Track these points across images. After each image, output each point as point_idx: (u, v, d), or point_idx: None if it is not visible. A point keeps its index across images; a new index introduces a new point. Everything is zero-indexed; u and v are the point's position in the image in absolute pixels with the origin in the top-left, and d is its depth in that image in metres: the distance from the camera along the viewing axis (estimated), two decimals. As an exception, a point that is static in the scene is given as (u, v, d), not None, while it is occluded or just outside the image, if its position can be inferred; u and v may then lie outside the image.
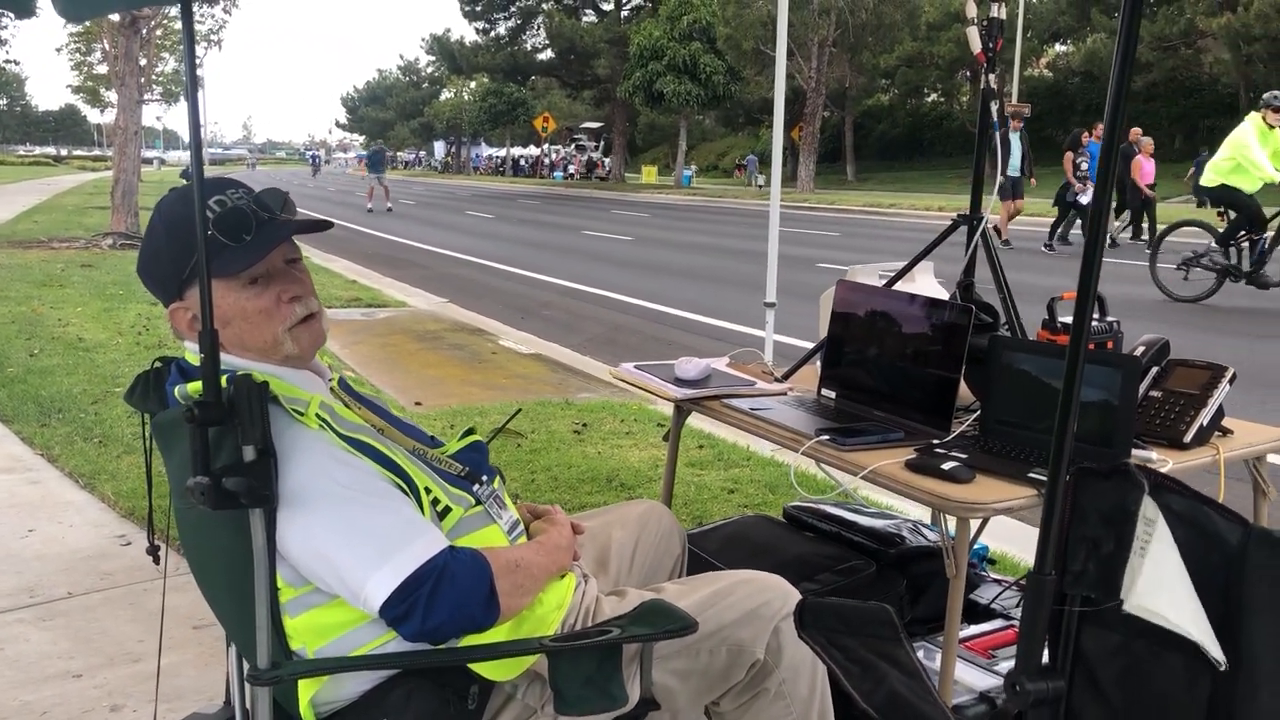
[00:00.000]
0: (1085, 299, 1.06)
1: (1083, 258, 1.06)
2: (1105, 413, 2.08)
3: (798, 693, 1.82)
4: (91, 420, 5.34)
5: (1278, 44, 31.04)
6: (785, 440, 2.32)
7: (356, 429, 1.67)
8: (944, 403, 2.32)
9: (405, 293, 11.29)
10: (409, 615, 1.55)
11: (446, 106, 78.34)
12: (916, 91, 50.43)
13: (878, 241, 18.77)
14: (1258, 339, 8.72)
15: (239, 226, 1.61)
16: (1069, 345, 1.06)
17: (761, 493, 4.39)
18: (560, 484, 4.47)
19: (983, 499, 1.94)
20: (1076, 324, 1.04)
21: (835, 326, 2.62)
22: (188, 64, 1.37)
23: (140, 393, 1.71)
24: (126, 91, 15.78)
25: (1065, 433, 1.00)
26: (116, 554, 3.71)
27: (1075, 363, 1.04)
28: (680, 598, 1.78)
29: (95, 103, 47.51)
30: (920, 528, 2.82)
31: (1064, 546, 1.04)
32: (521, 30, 57.63)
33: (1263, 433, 2.39)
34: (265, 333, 1.66)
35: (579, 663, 1.60)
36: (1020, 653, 1.04)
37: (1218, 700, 1.02)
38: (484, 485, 1.83)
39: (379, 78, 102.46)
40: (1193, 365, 2.34)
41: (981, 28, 2.48)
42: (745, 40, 36.95)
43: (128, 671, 2.89)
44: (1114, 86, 1.04)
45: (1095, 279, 1.05)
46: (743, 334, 8.52)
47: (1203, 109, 40.07)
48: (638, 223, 24.18)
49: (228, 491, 1.45)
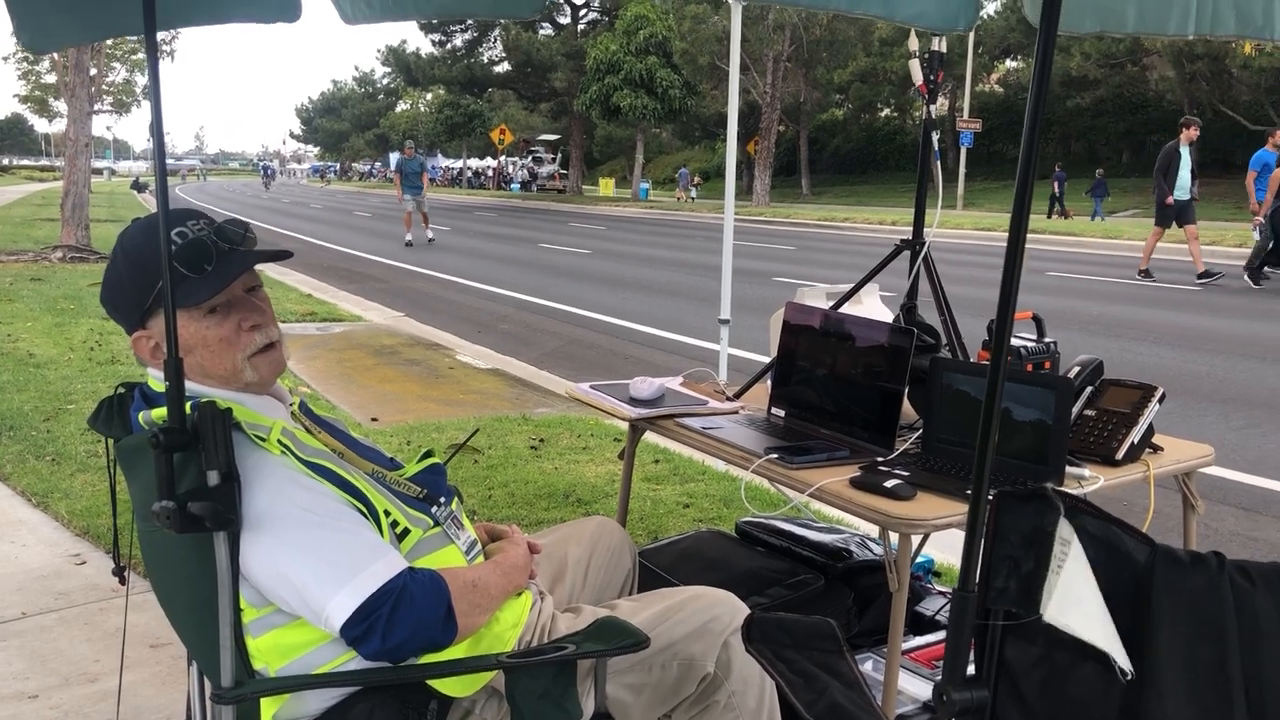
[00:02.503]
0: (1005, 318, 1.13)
1: (1002, 277, 1.12)
2: (1040, 432, 2.17)
3: (746, 705, 1.88)
4: (44, 438, 5.30)
5: (1219, 62, 31.83)
6: (736, 459, 2.40)
7: (317, 454, 1.72)
8: (888, 422, 2.40)
9: (361, 307, 11.26)
10: (369, 635, 1.59)
11: (403, 118, 78.03)
12: (870, 106, 51.08)
13: (833, 255, 18.98)
14: None
15: (200, 257, 1.66)
16: (989, 368, 1.14)
17: (717, 507, 4.46)
18: (517, 500, 4.51)
19: (923, 515, 2.02)
20: (996, 347, 1.11)
21: (784, 347, 2.70)
22: (154, 108, 1.42)
23: (105, 417, 1.75)
24: (77, 103, 15.60)
25: (985, 457, 1.08)
26: (71, 573, 3.70)
27: (995, 386, 1.11)
28: (633, 614, 1.84)
29: (43, 113, 46.85)
30: (868, 542, 2.90)
31: (988, 564, 1.12)
32: (478, 43, 57.62)
33: (1191, 449, 2.50)
34: (226, 360, 1.71)
35: (535, 678, 1.66)
36: (946, 664, 1.11)
37: (1128, 707, 1.09)
38: (442, 507, 1.88)
39: (334, 88, 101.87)
40: (1125, 385, 2.44)
41: (923, 60, 2.58)
42: (701, 55, 37.22)
43: (84, 691, 2.89)
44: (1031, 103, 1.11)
45: (1014, 297, 1.12)
46: (699, 348, 8.61)
47: (1149, 125, 40.92)
48: (595, 235, 24.26)
49: (192, 515, 1.49)
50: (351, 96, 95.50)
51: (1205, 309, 11.51)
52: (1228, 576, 1.08)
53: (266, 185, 68.15)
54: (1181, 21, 2.36)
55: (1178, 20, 2.37)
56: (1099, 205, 31.08)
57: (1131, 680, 1.09)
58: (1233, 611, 1.07)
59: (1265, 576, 1.09)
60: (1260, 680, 1.07)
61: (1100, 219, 29.86)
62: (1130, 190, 37.33)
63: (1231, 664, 1.06)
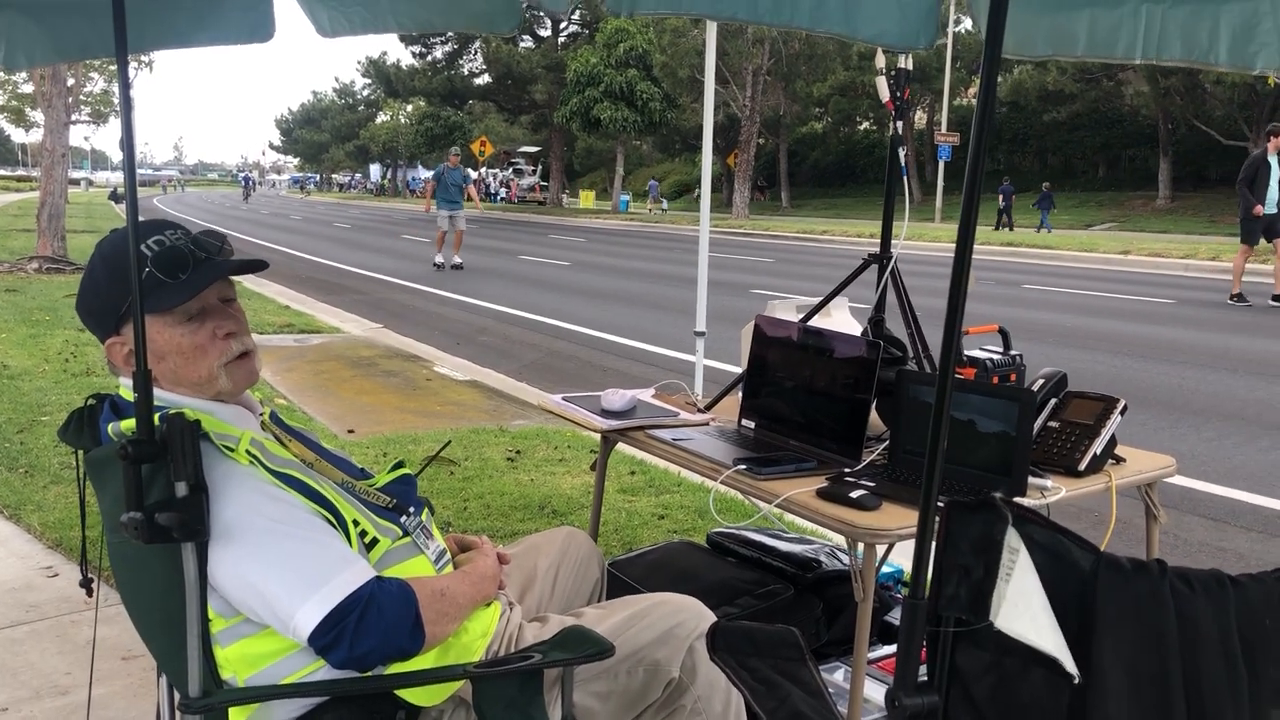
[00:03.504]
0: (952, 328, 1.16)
1: (949, 286, 1.15)
2: (1004, 443, 2.21)
3: (712, 709, 1.90)
4: (17, 450, 5.28)
5: (1193, 77, 32.19)
6: (705, 470, 2.42)
7: (285, 464, 1.73)
8: (855, 433, 2.43)
9: (339, 318, 11.24)
10: (337, 643, 1.61)
11: (383, 129, 77.94)
12: (849, 120, 51.40)
13: (811, 267, 19.08)
14: None
15: (176, 264, 1.68)
16: (937, 376, 1.16)
17: (691, 518, 4.48)
18: (492, 511, 4.52)
19: (888, 525, 2.05)
20: (944, 356, 1.14)
21: (755, 359, 2.73)
22: (124, 119, 1.43)
23: (74, 429, 1.76)
24: (54, 113, 15.52)
25: (934, 469, 1.11)
26: (42, 585, 3.69)
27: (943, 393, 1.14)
28: (599, 621, 1.87)
29: (20, 123, 46.54)
30: (837, 553, 2.93)
31: (939, 572, 1.14)
32: (458, 55, 57.70)
33: (1153, 460, 2.54)
34: (200, 368, 1.72)
35: (502, 687, 1.68)
36: (898, 670, 1.14)
37: (1075, 710, 1.12)
38: (411, 517, 1.89)
39: (314, 100, 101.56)
40: (1088, 397, 2.48)
41: (890, 78, 2.62)
42: (681, 68, 37.40)
43: (54, 704, 2.88)
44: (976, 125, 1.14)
45: (961, 307, 1.14)
46: (677, 359, 8.64)
47: (1124, 139, 41.40)
48: (575, 247, 24.29)
49: (160, 526, 1.50)
50: (331, 108, 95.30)
51: (1176, 321, 11.63)
52: (1169, 583, 1.11)
53: (246, 196, 67.57)
54: (1130, 45, 2.42)
55: (1125, 44, 2.42)
56: (1045, 217, 31.81)
57: (1078, 685, 1.12)
58: (1174, 617, 1.10)
59: (1205, 584, 1.12)
60: (1199, 685, 1.10)
61: (1046, 231, 30.57)
62: (1106, 204, 37.73)
63: (1172, 669, 1.09)
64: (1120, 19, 2.43)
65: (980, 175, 1.14)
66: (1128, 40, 2.41)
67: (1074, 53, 2.60)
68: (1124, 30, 2.42)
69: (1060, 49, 2.63)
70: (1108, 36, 2.48)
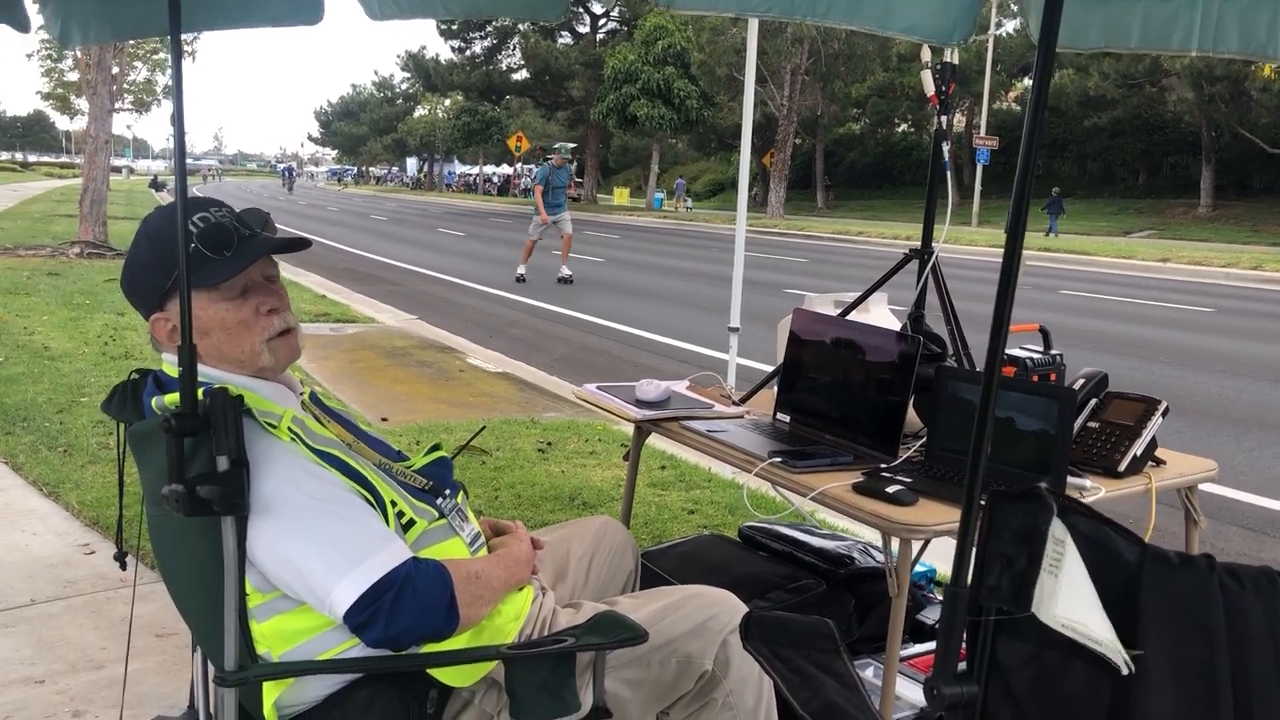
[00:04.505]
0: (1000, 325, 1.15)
1: (997, 286, 1.14)
2: (1043, 441, 2.18)
3: (744, 704, 1.90)
4: (56, 429, 5.35)
5: (1239, 85, 31.74)
6: (739, 461, 2.41)
7: (327, 443, 1.74)
8: (892, 429, 2.41)
9: (374, 309, 11.32)
10: (372, 622, 1.61)
11: (420, 123, 78.26)
12: (887, 121, 51.07)
13: (845, 268, 18.99)
14: None
15: (221, 241, 1.69)
16: (984, 370, 1.15)
17: (721, 514, 4.47)
18: (523, 501, 4.53)
19: (924, 521, 2.03)
20: (991, 350, 1.13)
21: (791, 353, 2.72)
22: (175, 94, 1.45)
23: (118, 402, 1.78)
24: (98, 100, 15.73)
25: (980, 453, 1.10)
26: (80, 562, 3.74)
27: (990, 386, 1.13)
28: (633, 610, 1.86)
29: (65, 110, 47.22)
30: (870, 550, 2.91)
31: (981, 562, 1.13)
32: (497, 50, 57.88)
33: (1194, 464, 2.51)
34: (243, 344, 1.73)
35: (535, 669, 1.68)
36: (937, 660, 1.12)
37: (1117, 704, 1.11)
38: (447, 499, 1.90)
39: (353, 92, 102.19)
40: (1128, 398, 2.45)
41: (935, 72, 2.60)
42: (719, 66, 37.31)
43: (90, 678, 2.92)
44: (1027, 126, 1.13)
45: (1009, 305, 1.14)
46: (708, 357, 8.62)
47: (1166, 146, 40.87)
48: (609, 244, 24.31)
49: (201, 499, 1.51)
50: (370, 101, 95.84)
51: (1216, 330, 11.48)
52: (1217, 578, 1.09)
53: (290, 188, 67.88)
54: (1185, 37, 2.37)
55: (1181, 36, 2.38)
56: (1054, 222, 32.08)
57: (1120, 679, 1.11)
58: (1221, 612, 1.08)
59: (1255, 580, 1.10)
60: (1247, 681, 1.08)
61: (1054, 235, 30.85)
62: (1146, 211, 37.29)
63: (1219, 665, 1.08)
64: (1176, 10, 2.39)
65: (1031, 172, 1.13)
66: (1183, 32, 2.37)
67: (1127, 45, 2.56)
68: (1179, 22, 2.38)
69: (1113, 41, 2.59)
70: (1162, 28, 2.44)
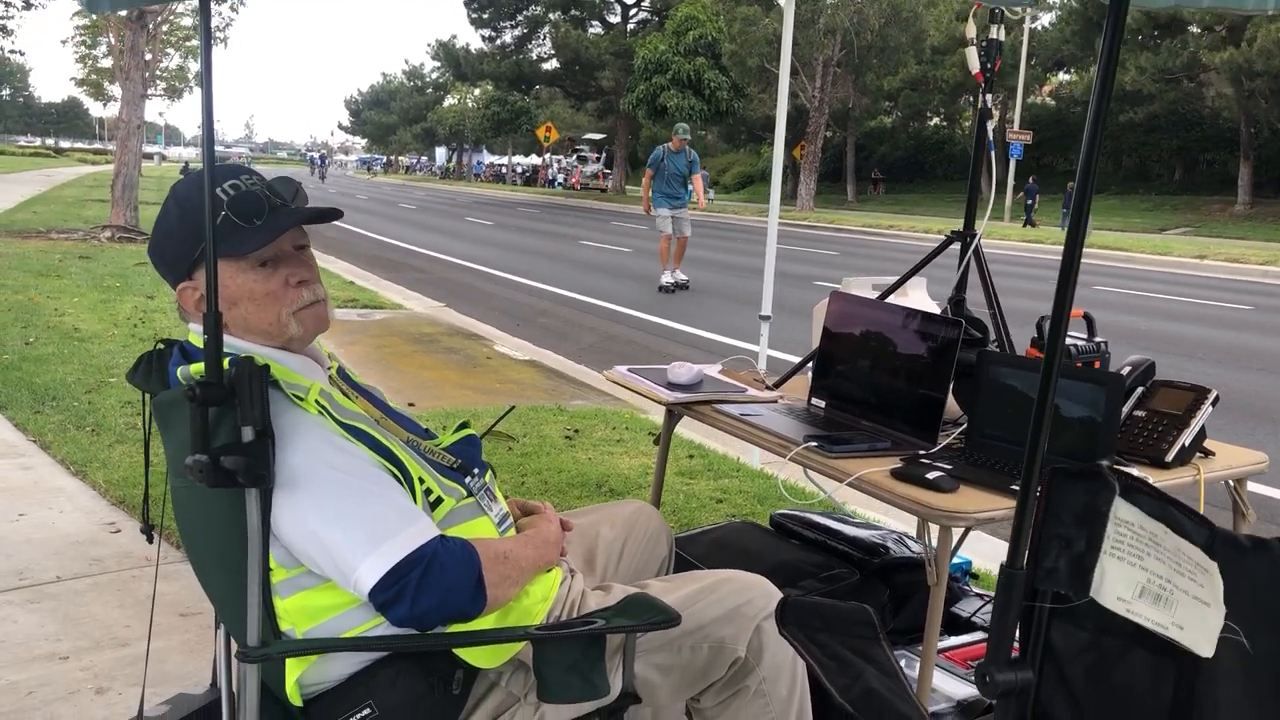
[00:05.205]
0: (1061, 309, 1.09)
1: (1059, 273, 1.10)
2: (1089, 429, 2.11)
3: (777, 692, 1.84)
4: (85, 409, 5.36)
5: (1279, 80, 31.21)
6: (774, 446, 2.36)
7: (354, 417, 1.70)
8: (931, 415, 2.35)
9: (402, 295, 11.32)
10: (398, 600, 1.57)
11: (450, 113, 78.36)
12: (919, 114, 50.68)
13: (875, 261, 18.85)
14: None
15: (252, 209, 1.65)
16: (1045, 353, 1.10)
17: (750, 503, 4.41)
18: (550, 488, 4.50)
19: (965, 508, 1.97)
20: (1053, 330, 1.08)
21: (827, 337, 2.66)
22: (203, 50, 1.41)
23: (143, 372, 1.74)
24: (131, 85, 15.82)
25: (1040, 430, 1.04)
26: (106, 540, 3.73)
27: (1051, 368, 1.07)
28: (664, 594, 1.81)
29: (98, 96, 47.54)
30: (905, 540, 2.85)
31: (1037, 543, 1.08)
32: (527, 39, 57.89)
33: (1243, 456, 2.43)
34: (271, 314, 1.69)
35: (564, 651, 1.63)
36: (991, 645, 1.07)
37: (1181, 696, 1.05)
38: (476, 478, 1.86)
39: (383, 81, 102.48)
40: (1177, 386, 2.38)
41: (980, 48, 2.53)
42: (750, 57, 37.10)
43: (114, 655, 2.91)
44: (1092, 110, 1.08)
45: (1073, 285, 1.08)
46: (736, 348, 8.55)
47: (1203, 143, 40.32)
48: (637, 235, 24.23)
49: (226, 470, 1.47)
50: (400, 90, 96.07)
51: (1255, 328, 11.30)
52: (1291, 565, 1.03)
53: (322, 176, 66.54)
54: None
55: None
56: (1067, 217, 31.34)
57: (1185, 668, 1.05)
58: (1295, 600, 1.02)
59: (1331, 567, 1.04)
60: (1323, 674, 1.02)
61: None
62: (1182, 208, 36.81)
63: (1292, 655, 1.02)
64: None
65: (1095, 158, 1.10)
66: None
67: (1199, 4, 2.47)
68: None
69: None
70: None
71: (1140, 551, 1.03)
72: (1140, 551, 1.03)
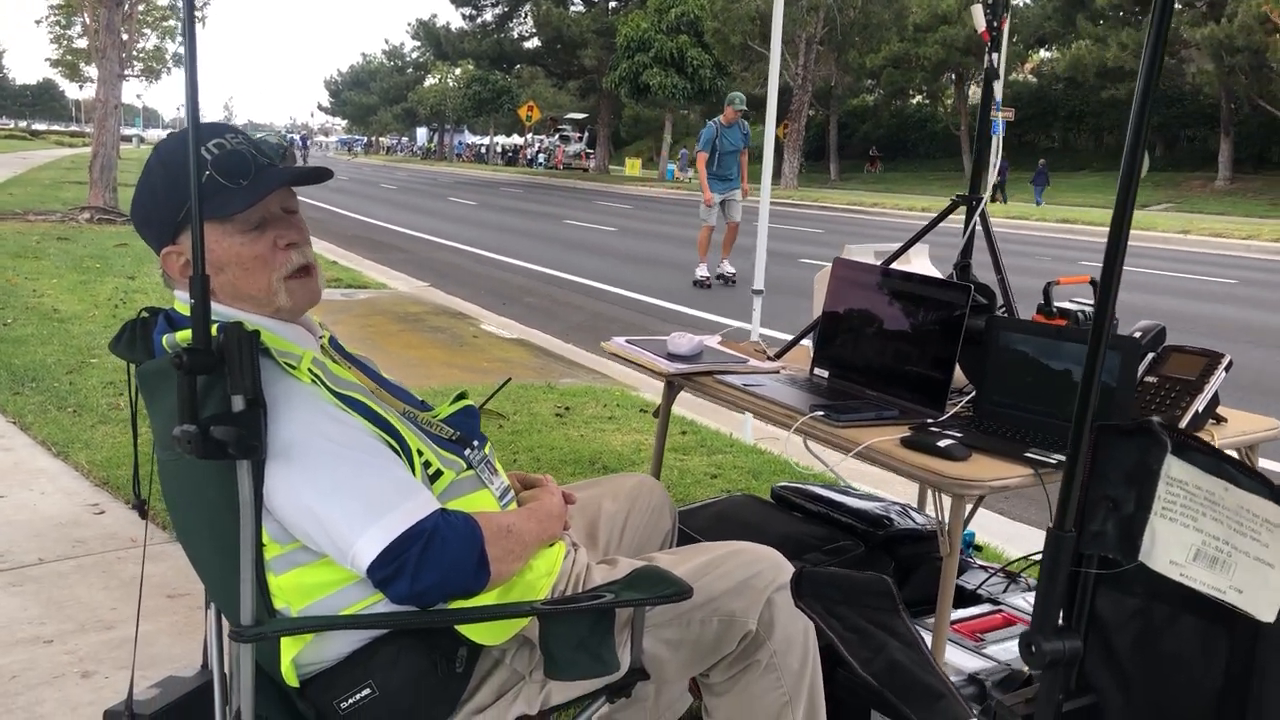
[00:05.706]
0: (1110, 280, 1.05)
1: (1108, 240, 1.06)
2: (1105, 394, 2.06)
3: (789, 666, 1.79)
4: (66, 390, 5.26)
5: (1260, 56, 31.24)
6: (778, 416, 2.29)
7: (349, 386, 1.63)
8: (939, 383, 2.29)
9: (386, 275, 11.20)
10: (397, 576, 1.51)
11: (431, 93, 77.67)
12: (901, 93, 50.55)
13: (860, 239, 18.77)
14: None
15: (237, 169, 1.57)
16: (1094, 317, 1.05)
17: (745, 479, 4.36)
18: (542, 465, 4.43)
19: (979, 476, 1.92)
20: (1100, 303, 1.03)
21: (830, 305, 2.60)
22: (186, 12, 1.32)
23: (126, 341, 1.67)
24: (107, 65, 15.57)
25: (1091, 383, 0.98)
26: (89, 522, 3.65)
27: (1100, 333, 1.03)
28: (672, 567, 1.75)
29: (74, 77, 46.88)
30: (909, 511, 2.80)
31: (1082, 504, 1.02)
32: (508, 17, 57.45)
33: (1257, 422, 2.39)
34: (259, 280, 1.61)
35: (572, 626, 1.57)
36: (1036, 613, 1.01)
37: (1235, 665, 0.99)
38: (475, 450, 1.79)
39: (363, 61, 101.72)
40: (1189, 351, 2.33)
41: (986, 5, 2.46)
42: (733, 34, 36.87)
43: (99, 638, 2.83)
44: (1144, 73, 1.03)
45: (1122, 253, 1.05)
46: (724, 325, 8.49)
47: (1184, 119, 40.45)
48: (621, 214, 24.13)
49: (216, 441, 1.40)
50: (380, 70, 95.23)
51: (1240, 301, 11.31)
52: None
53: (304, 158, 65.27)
54: None
55: None
56: (1039, 193, 32.85)
57: (1238, 636, 0.99)
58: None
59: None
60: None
61: (1039, 205, 31.36)
62: (1163, 184, 36.89)
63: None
64: None
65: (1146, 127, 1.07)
66: None
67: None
68: None
69: None
70: None
71: (1194, 512, 0.97)
72: (1194, 512, 0.97)
